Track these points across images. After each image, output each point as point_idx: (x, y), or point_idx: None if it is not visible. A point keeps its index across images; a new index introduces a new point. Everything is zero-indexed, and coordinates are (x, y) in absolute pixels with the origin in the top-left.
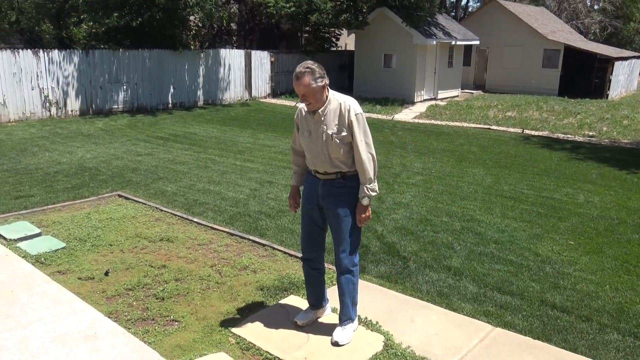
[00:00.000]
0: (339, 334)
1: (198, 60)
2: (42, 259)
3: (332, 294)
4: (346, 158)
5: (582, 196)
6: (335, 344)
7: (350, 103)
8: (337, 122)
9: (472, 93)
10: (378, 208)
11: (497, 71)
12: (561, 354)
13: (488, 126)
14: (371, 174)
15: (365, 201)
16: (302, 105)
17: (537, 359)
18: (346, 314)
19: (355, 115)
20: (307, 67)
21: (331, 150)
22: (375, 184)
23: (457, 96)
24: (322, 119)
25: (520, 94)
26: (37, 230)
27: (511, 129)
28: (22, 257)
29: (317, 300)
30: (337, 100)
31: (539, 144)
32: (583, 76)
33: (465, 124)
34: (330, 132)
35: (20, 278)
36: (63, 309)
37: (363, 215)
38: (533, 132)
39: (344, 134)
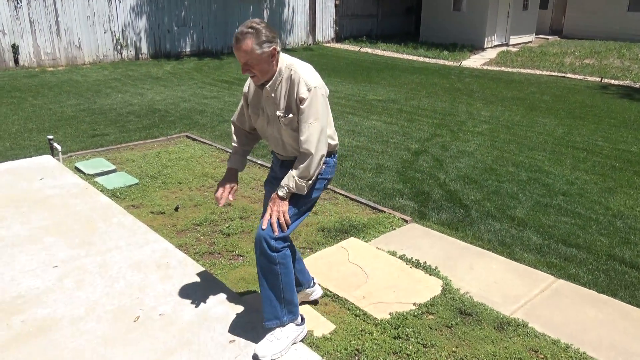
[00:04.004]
0: (263, 345)
1: (262, 3)
2: (118, 194)
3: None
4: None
5: None
6: (255, 357)
7: (302, 74)
8: (286, 99)
9: (548, 39)
10: (441, 156)
11: (576, 15)
12: (626, 309)
13: (563, 74)
14: (311, 170)
15: (282, 191)
16: None
17: (600, 312)
18: (271, 314)
19: (308, 89)
20: (250, 28)
21: (283, 135)
22: (310, 182)
23: (530, 42)
24: (272, 95)
25: (601, 41)
26: (112, 167)
27: (588, 78)
28: (100, 190)
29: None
30: (289, 69)
31: (617, 93)
32: None
33: (538, 72)
34: (278, 113)
35: (99, 209)
36: (138, 239)
37: (274, 207)
38: (612, 81)
39: (290, 115)
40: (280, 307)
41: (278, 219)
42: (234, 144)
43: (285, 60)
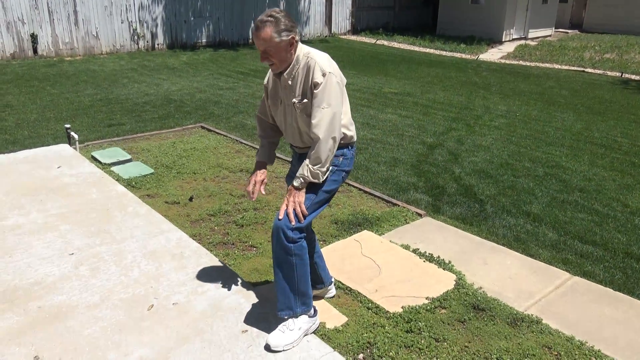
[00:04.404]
0: (274, 336)
1: None
2: (133, 183)
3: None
4: None
5: None
6: (267, 347)
7: (317, 60)
8: (302, 86)
9: (567, 32)
10: (457, 150)
11: (598, 8)
12: None
13: (582, 68)
14: (322, 155)
15: (297, 182)
16: None
17: (616, 310)
18: (284, 303)
19: (322, 74)
20: (270, 16)
21: (300, 123)
22: (324, 169)
23: (549, 36)
24: (290, 83)
25: (623, 35)
26: (128, 156)
27: (608, 72)
28: (116, 179)
29: (312, 279)
30: (306, 57)
31: (638, 89)
32: None
33: (556, 66)
34: (294, 100)
35: (114, 199)
36: (152, 228)
37: (290, 198)
38: (633, 77)
39: (305, 100)
40: (294, 298)
41: (294, 209)
42: (260, 138)
43: (303, 49)
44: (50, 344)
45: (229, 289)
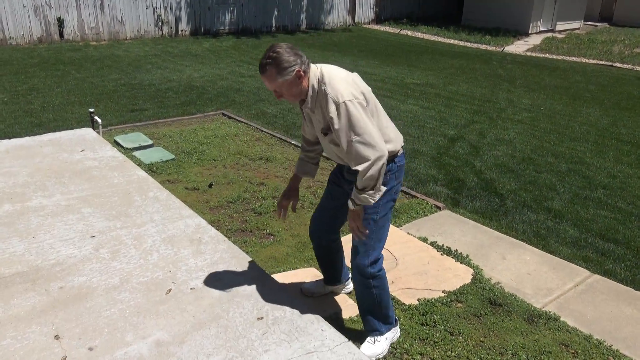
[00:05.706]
0: (366, 347)
1: None
2: (154, 168)
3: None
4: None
5: None
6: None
7: (329, 90)
8: (324, 118)
9: (596, 26)
10: (478, 143)
11: (629, 1)
12: None
13: (611, 63)
14: (368, 182)
15: (350, 204)
16: None
17: (637, 310)
18: (370, 327)
19: (336, 106)
20: (269, 58)
21: (332, 147)
22: (374, 192)
23: (578, 29)
24: (313, 112)
25: None
26: (150, 142)
27: (638, 67)
28: (137, 164)
29: (331, 277)
30: (321, 85)
31: None
32: None
33: (584, 60)
34: (321, 128)
35: (135, 183)
36: (172, 213)
37: (352, 224)
38: None
39: (329, 134)
40: (378, 323)
41: (358, 233)
42: (301, 151)
43: (317, 75)
44: (71, 324)
45: (246, 276)
